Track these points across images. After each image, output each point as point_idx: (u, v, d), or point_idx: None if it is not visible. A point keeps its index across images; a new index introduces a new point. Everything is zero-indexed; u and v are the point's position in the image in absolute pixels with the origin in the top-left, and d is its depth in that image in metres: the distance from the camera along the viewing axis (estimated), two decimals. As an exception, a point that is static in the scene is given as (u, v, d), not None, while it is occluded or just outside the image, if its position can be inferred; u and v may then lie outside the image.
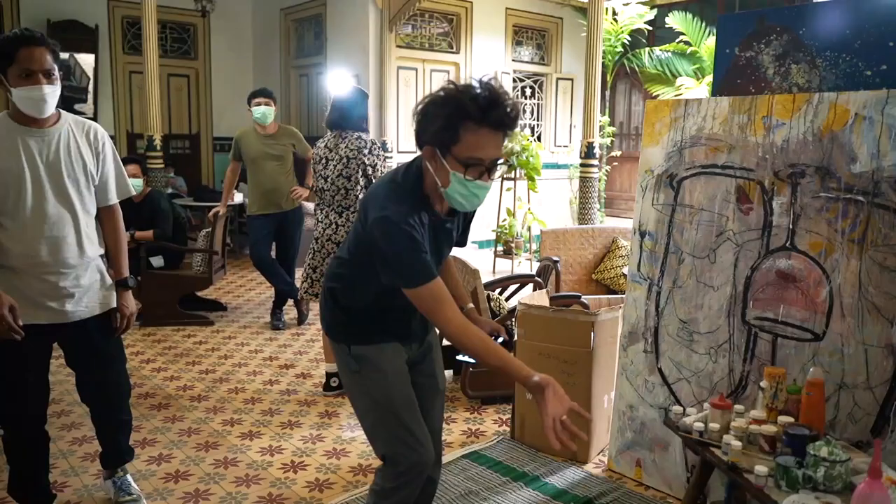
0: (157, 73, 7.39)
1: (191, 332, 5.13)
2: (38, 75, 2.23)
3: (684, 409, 2.47)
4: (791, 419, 2.18)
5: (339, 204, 3.85)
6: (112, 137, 10.67)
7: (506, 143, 1.93)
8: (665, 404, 2.82)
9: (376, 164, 3.83)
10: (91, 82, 8.89)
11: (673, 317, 2.85)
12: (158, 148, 7.39)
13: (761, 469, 1.99)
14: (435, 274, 1.81)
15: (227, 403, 3.79)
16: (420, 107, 1.84)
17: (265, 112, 5.07)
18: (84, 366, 2.60)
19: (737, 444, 2.12)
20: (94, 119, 9.36)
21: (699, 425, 2.30)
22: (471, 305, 2.17)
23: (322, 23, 9.48)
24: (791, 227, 2.51)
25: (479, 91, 1.75)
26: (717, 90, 2.93)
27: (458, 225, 2.03)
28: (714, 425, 2.27)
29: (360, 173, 3.80)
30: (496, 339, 2.08)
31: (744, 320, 2.64)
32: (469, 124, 1.75)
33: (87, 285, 2.46)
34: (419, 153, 1.89)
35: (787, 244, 2.52)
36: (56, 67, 2.27)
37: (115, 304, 2.55)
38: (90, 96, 8.98)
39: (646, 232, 2.95)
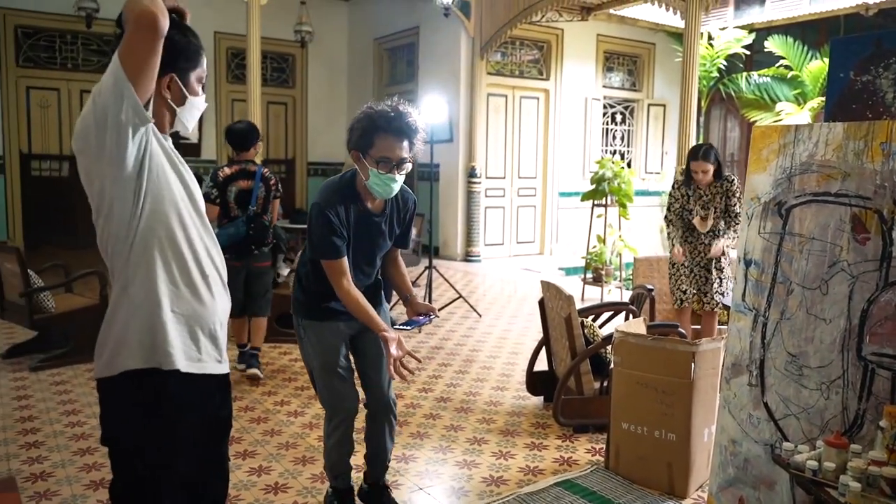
0: (258, 101, 7.75)
1: (286, 350, 5.30)
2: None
3: (795, 446, 2.37)
4: (915, 462, 2.06)
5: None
6: (214, 162, 11.13)
7: (598, 170, 2.19)
8: (771, 440, 2.70)
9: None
10: (197, 110, 9.38)
11: (780, 349, 2.74)
12: (258, 172, 7.71)
13: (884, 513, 1.88)
14: (342, 254, 2.44)
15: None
16: (350, 122, 2.46)
17: None
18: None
19: (855, 485, 2.02)
20: (199, 144, 9.86)
21: (812, 463, 2.20)
22: (414, 294, 2.74)
23: (414, 51, 9.72)
24: (913, 258, 2.38)
25: (387, 109, 2.39)
26: (829, 115, 2.83)
27: (388, 223, 2.59)
28: (829, 464, 2.16)
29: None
30: (428, 317, 2.64)
31: (859, 355, 2.51)
32: (380, 132, 2.39)
33: None
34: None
35: (909, 276, 2.38)
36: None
37: None
38: (196, 123, 9.52)
39: (751, 261, 2.86)
